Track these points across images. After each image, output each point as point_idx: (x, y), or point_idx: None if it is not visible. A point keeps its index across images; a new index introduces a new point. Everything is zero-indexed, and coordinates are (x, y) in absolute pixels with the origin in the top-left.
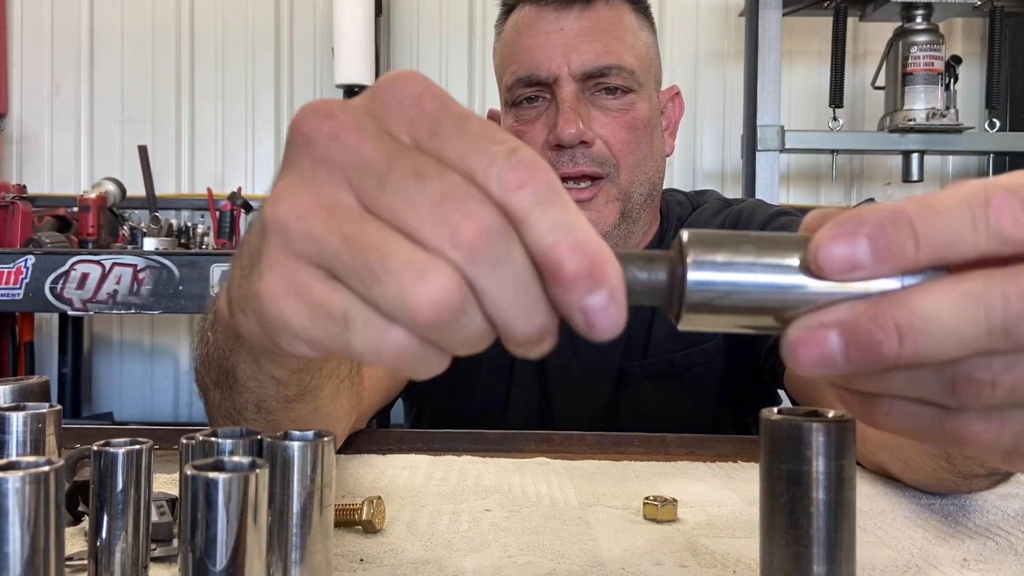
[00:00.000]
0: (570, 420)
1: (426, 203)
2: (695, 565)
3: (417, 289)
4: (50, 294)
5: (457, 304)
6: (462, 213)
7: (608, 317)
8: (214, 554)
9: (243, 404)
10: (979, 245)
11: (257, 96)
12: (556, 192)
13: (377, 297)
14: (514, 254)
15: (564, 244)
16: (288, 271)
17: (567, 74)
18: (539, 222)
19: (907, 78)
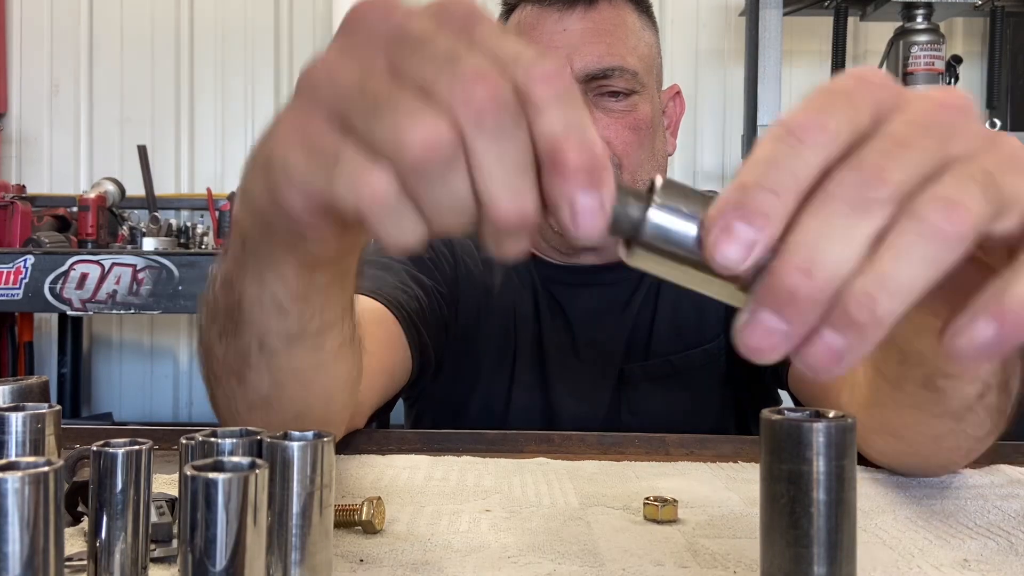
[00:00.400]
0: (571, 420)
1: (450, 69)
2: (695, 565)
3: (412, 126)
4: (49, 294)
5: (446, 151)
6: (480, 81)
7: (593, 219)
8: (214, 554)
9: (246, 347)
10: (814, 159)
11: (257, 96)
12: (576, 95)
13: (373, 131)
14: (519, 133)
15: (575, 138)
16: (302, 118)
17: (570, 76)
18: (556, 114)
19: (908, 78)
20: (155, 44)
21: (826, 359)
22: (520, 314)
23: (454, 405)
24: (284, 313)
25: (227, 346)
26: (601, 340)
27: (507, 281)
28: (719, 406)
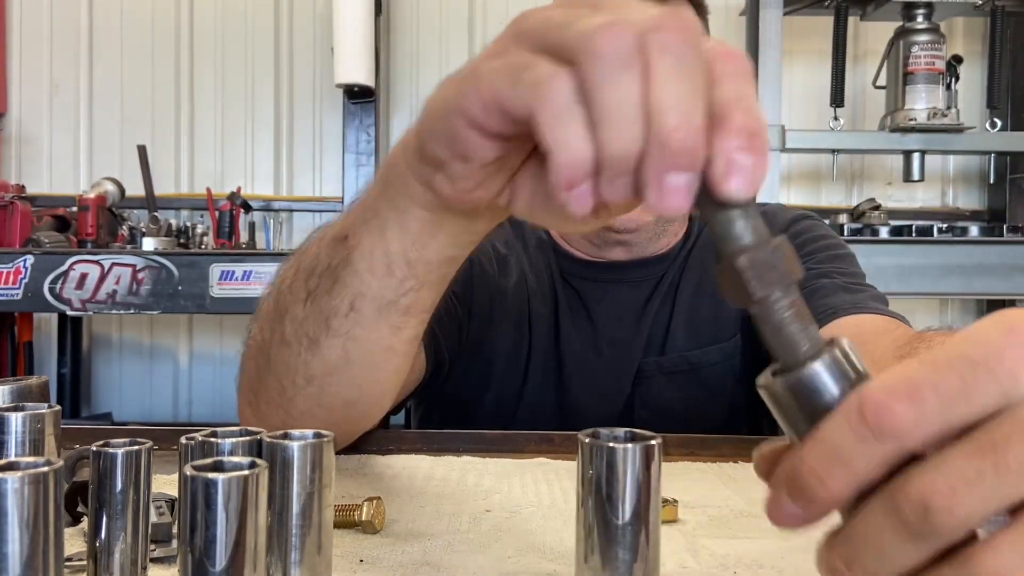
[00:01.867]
0: (585, 416)
1: (648, 10)
2: (695, 565)
3: (602, 27)
4: (49, 294)
5: (628, 51)
6: (672, 22)
7: (745, 181)
8: (213, 554)
9: (335, 307)
10: (875, 452)
11: (257, 96)
12: (753, 82)
13: (567, 36)
14: (698, 67)
15: (749, 104)
16: (507, 45)
17: None
18: (733, 84)
19: (908, 77)
20: (155, 44)
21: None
22: (536, 313)
23: (464, 404)
24: (390, 274)
25: (312, 306)
26: (621, 337)
27: (521, 280)
28: (732, 404)
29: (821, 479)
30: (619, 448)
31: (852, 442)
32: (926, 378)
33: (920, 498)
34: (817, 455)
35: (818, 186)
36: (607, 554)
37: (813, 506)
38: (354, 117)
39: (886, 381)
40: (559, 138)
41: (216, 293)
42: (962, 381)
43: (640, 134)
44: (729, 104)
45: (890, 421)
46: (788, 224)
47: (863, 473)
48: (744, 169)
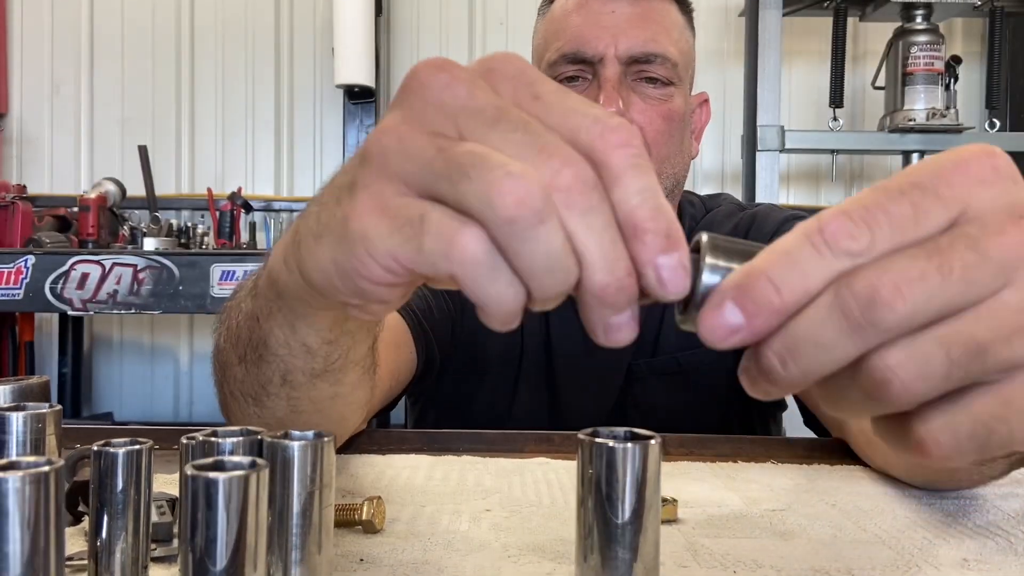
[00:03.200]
0: (578, 417)
1: (530, 147)
2: (695, 565)
3: (504, 183)
4: (50, 294)
5: (539, 207)
6: (562, 160)
7: (676, 278)
8: (214, 554)
9: (268, 377)
10: (831, 267)
11: (257, 96)
12: (646, 159)
13: (462, 192)
14: (603, 207)
15: (650, 205)
16: (378, 189)
17: (613, 55)
18: (631, 182)
19: (907, 78)
20: (156, 44)
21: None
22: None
23: (458, 402)
24: (311, 355)
25: (247, 371)
26: None
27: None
28: (724, 405)
29: (776, 286)
30: (619, 448)
31: (810, 255)
32: (879, 203)
33: (866, 292)
34: (774, 263)
35: (817, 186)
36: (607, 554)
37: (759, 315)
38: (354, 117)
39: (843, 207)
40: (489, 295)
41: (217, 293)
42: (912, 206)
43: (570, 276)
44: (635, 210)
45: (845, 242)
46: (780, 224)
47: (815, 285)
48: (672, 270)
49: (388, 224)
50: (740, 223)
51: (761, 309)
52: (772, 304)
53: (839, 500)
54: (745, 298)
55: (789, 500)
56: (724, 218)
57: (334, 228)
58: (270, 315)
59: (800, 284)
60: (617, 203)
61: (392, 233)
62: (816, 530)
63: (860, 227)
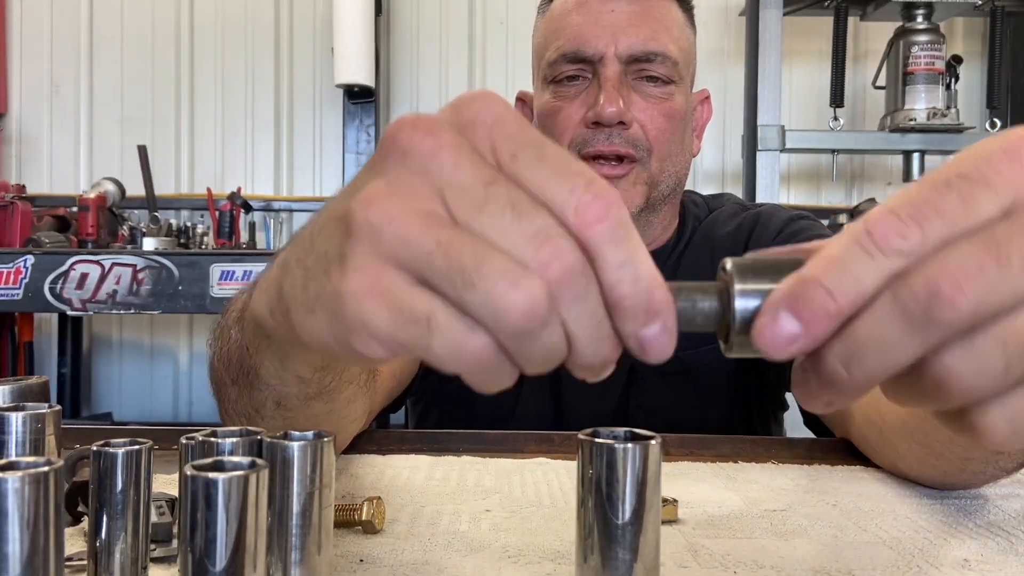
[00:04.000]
0: (580, 416)
1: (520, 235)
2: (695, 565)
3: (511, 296)
4: (49, 294)
5: (544, 315)
6: (552, 252)
7: (659, 344)
8: (214, 554)
9: (262, 401)
10: (884, 268)
11: (257, 96)
12: (624, 226)
13: (468, 302)
14: (591, 290)
15: (628, 280)
16: (375, 272)
17: (613, 54)
18: (609, 258)
19: (908, 78)
20: (155, 44)
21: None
22: None
23: (462, 402)
24: (304, 383)
25: (241, 393)
26: None
27: None
28: (726, 404)
29: (830, 291)
30: (619, 448)
31: (861, 258)
32: (925, 198)
33: (925, 289)
34: (825, 270)
35: (818, 186)
36: (607, 554)
37: (816, 321)
38: (354, 117)
39: (889, 206)
40: (488, 385)
41: (216, 293)
42: (960, 197)
43: (563, 357)
44: (614, 287)
45: (896, 241)
46: (784, 224)
47: (868, 287)
48: (654, 339)
49: (391, 316)
50: (744, 223)
51: (817, 316)
52: (828, 310)
53: (840, 500)
54: (800, 306)
55: (790, 500)
56: (727, 218)
57: (328, 305)
58: (258, 350)
59: (853, 287)
60: (601, 281)
61: (397, 327)
62: (817, 530)
63: (908, 224)
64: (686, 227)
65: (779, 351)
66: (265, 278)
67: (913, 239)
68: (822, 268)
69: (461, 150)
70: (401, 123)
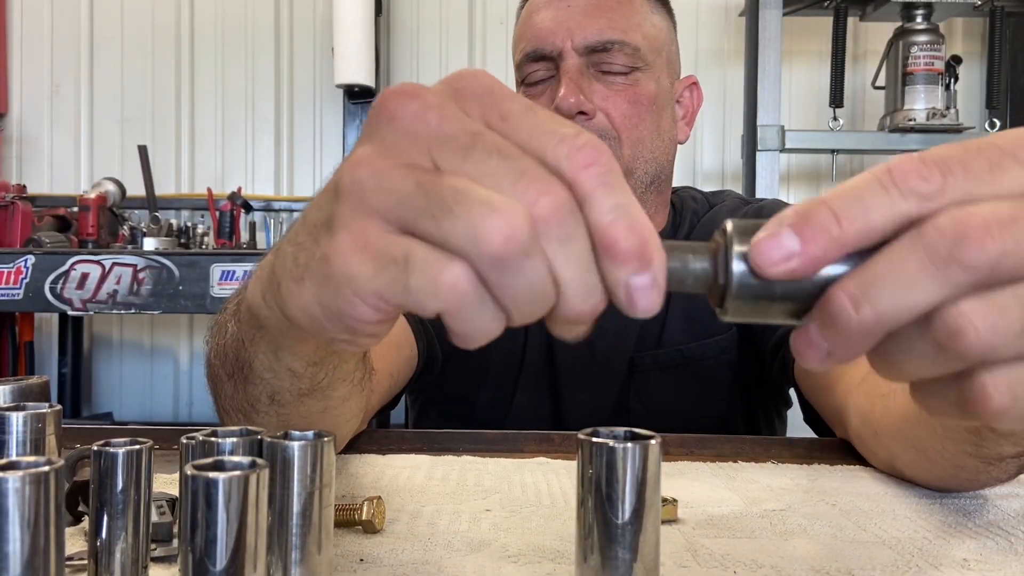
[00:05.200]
0: (580, 411)
1: (506, 175)
2: (695, 565)
3: (490, 220)
4: (50, 294)
5: (525, 243)
6: (539, 188)
7: (648, 297)
8: (214, 554)
9: (256, 396)
10: (897, 206)
11: (257, 96)
12: (616, 175)
13: (446, 230)
14: (580, 232)
15: (621, 224)
16: (359, 227)
17: (570, 48)
18: (601, 201)
19: (907, 78)
20: (155, 44)
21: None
22: None
23: (460, 399)
24: (297, 377)
25: (236, 388)
26: (614, 329)
27: None
28: (728, 398)
29: (836, 215)
30: (619, 447)
31: (876, 190)
32: (955, 154)
33: (954, 228)
34: (837, 195)
35: (817, 186)
36: (607, 554)
37: (816, 240)
38: (354, 117)
39: (918, 154)
40: (474, 327)
41: (217, 293)
42: (989, 163)
43: (550, 302)
44: (607, 229)
45: (916, 182)
46: None
47: (878, 221)
48: (643, 290)
49: (372, 264)
50: (746, 216)
51: (818, 235)
52: (830, 231)
53: (839, 500)
54: (803, 224)
55: (789, 500)
56: (728, 213)
57: (315, 270)
58: (253, 341)
59: (862, 216)
60: (591, 223)
61: (377, 273)
62: (816, 530)
63: (932, 170)
64: (683, 221)
65: (773, 265)
66: (261, 267)
67: (934, 184)
68: (833, 194)
69: (447, 108)
70: (389, 91)
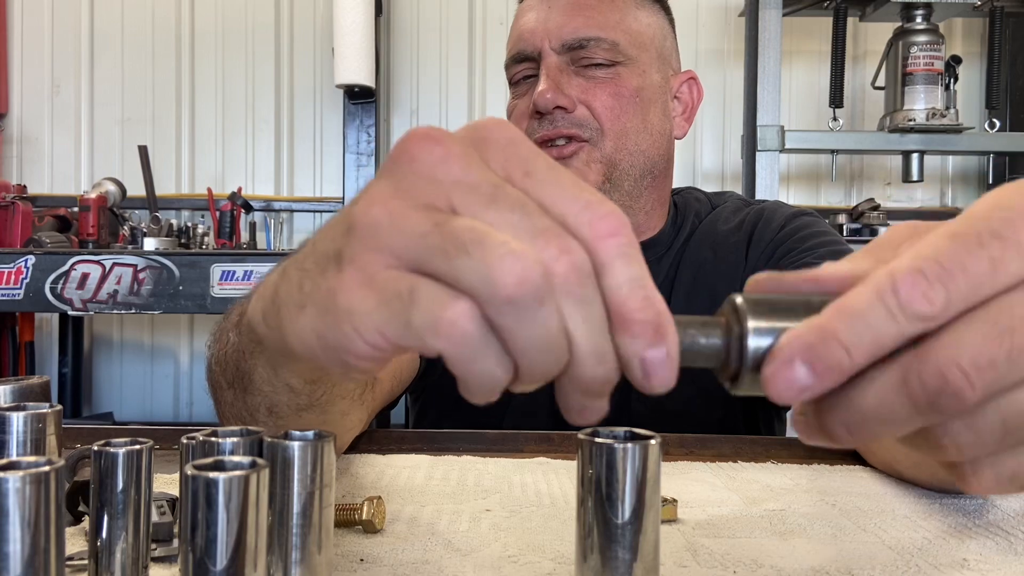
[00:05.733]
0: None
1: (526, 231)
2: (695, 565)
3: (505, 261)
4: (50, 294)
5: (540, 289)
6: (560, 247)
7: (663, 371)
8: (214, 554)
9: (255, 406)
10: (903, 331)
11: (257, 96)
12: (635, 248)
13: (459, 268)
14: (596, 298)
15: (638, 295)
16: (366, 262)
17: (548, 47)
18: (619, 272)
19: (907, 78)
20: (156, 44)
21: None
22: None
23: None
24: (295, 393)
25: (236, 396)
26: None
27: None
28: (728, 401)
29: (848, 349)
30: (619, 447)
31: (883, 318)
32: (956, 258)
33: (935, 379)
34: (847, 325)
35: (817, 186)
36: (607, 553)
37: (830, 376)
38: (354, 117)
39: (917, 262)
40: (475, 372)
41: (217, 293)
42: (991, 262)
43: (562, 360)
44: (624, 301)
45: (922, 306)
46: (786, 220)
47: (885, 348)
48: (659, 364)
49: (375, 298)
50: (746, 219)
51: (832, 372)
52: (843, 367)
53: (839, 500)
54: (816, 359)
55: (789, 500)
56: (730, 214)
57: (319, 300)
58: (252, 354)
59: (871, 347)
60: (607, 292)
61: (379, 307)
62: (816, 530)
63: (936, 288)
64: (685, 222)
65: (788, 399)
66: (264, 284)
67: (938, 304)
68: (842, 321)
69: (471, 158)
70: (413, 133)
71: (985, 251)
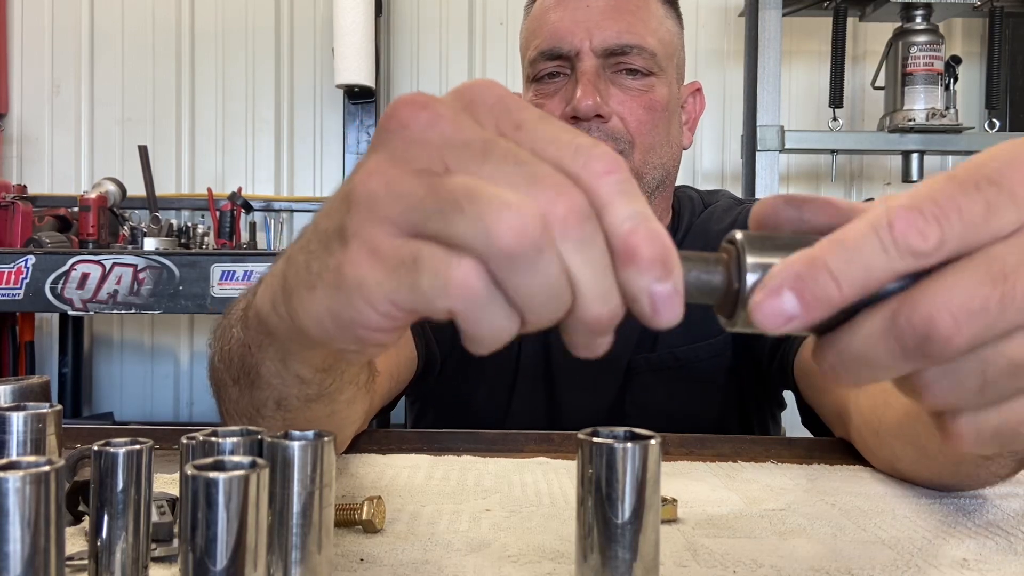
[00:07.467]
0: (577, 414)
1: (522, 180)
2: (695, 565)
3: (501, 215)
4: (50, 294)
5: (538, 239)
6: (557, 191)
7: (672, 305)
8: (214, 554)
9: (263, 401)
10: (895, 266)
11: (257, 96)
12: (633, 185)
13: (457, 227)
14: (597, 237)
15: (642, 231)
16: (369, 234)
17: (588, 49)
18: (620, 209)
19: (907, 78)
20: (156, 44)
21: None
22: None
23: (457, 401)
24: (305, 383)
25: (241, 393)
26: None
27: None
28: (722, 401)
29: (837, 280)
30: (619, 447)
31: (875, 250)
32: (952, 198)
33: (923, 325)
34: (838, 257)
35: (817, 186)
36: (607, 553)
37: (817, 307)
38: (354, 117)
39: (914, 200)
40: (486, 327)
41: (217, 293)
42: (986, 205)
43: (566, 305)
44: (628, 234)
45: (915, 241)
46: None
47: (876, 283)
48: (667, 298)
49: (382, 269)
50: (739, 217)
51: (820, 302)
52: (832, 299)
53: (839, 500)
54: (804, 288)
55: (789, 500)
56: (723, 212)
57: (328, 278)
58: (260, 347)
59: (861, 280)
60: (609, 230)
61: (387, 278)
62: (816, 530)
63: (931, 225)
64: (681, 221)
65: (774, 327)
66: (270, 273)
67: (931, 241)
68: (833, 252)
69: (461, 118)
70: (400, 100)
71: (981, 195)
